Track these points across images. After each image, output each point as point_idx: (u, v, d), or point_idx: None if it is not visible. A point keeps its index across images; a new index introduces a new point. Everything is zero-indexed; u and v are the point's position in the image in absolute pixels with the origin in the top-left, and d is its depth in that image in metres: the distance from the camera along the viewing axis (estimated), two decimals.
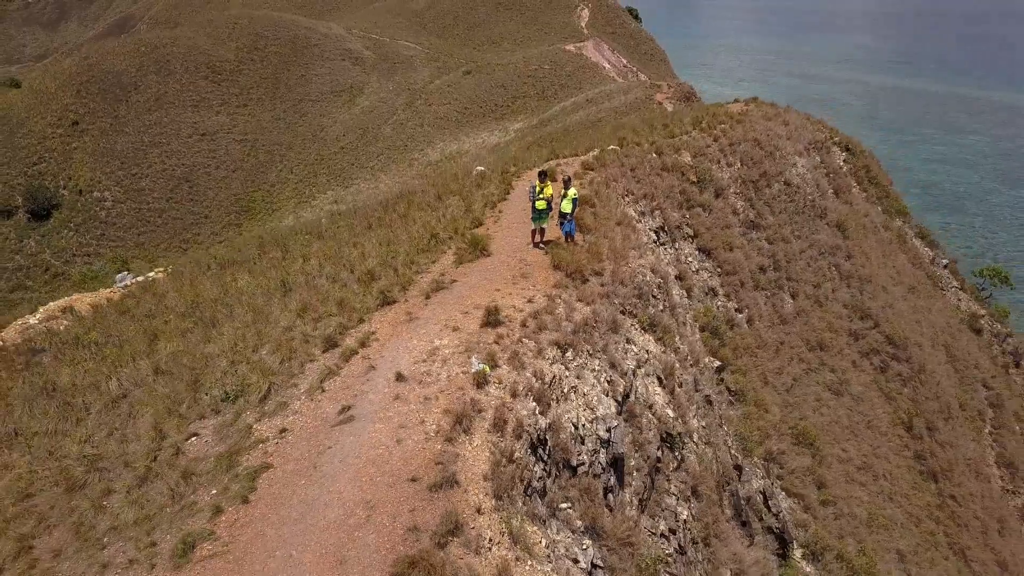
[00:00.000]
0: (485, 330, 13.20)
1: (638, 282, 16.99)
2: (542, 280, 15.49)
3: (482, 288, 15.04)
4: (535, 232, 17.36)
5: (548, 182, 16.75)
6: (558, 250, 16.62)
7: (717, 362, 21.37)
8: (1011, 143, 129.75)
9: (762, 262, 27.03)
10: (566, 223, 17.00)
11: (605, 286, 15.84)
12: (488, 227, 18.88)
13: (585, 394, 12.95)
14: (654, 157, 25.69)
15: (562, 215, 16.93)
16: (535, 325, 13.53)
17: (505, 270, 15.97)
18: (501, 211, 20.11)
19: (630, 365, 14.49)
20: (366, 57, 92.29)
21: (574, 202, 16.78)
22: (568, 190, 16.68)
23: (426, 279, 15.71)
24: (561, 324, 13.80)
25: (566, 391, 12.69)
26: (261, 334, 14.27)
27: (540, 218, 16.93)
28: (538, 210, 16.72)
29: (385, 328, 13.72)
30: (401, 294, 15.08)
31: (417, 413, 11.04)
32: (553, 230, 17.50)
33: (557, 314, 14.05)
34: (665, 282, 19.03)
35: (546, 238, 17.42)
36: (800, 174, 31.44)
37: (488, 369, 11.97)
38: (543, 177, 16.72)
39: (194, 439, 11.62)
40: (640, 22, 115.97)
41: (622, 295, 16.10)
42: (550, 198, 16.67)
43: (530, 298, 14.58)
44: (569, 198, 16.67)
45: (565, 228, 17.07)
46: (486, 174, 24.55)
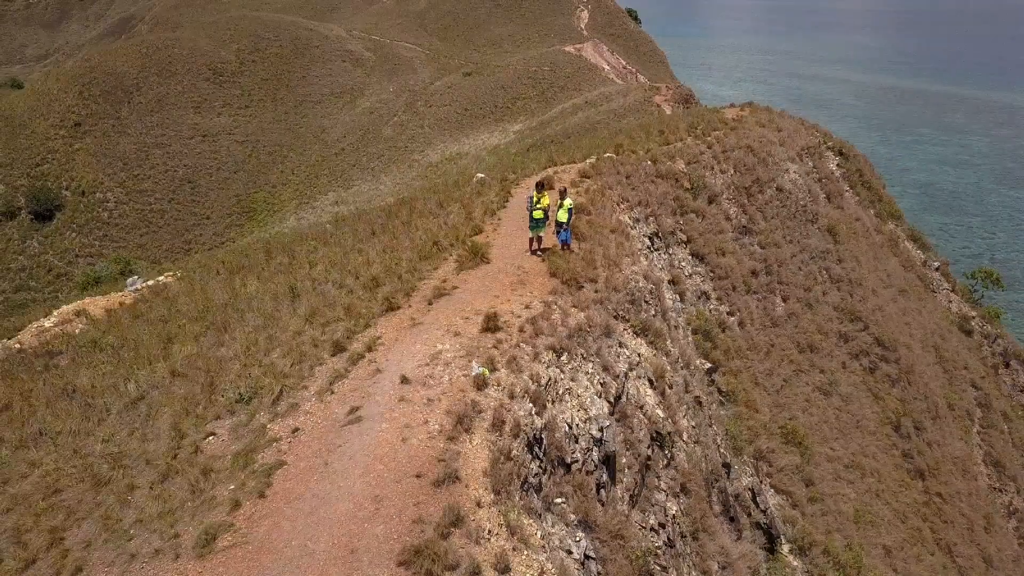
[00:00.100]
0: (485, 335, 13.94)
1: (631, 288, 17.73)
2: (539, 287, 16.24)
3: (482, 294, 15.78)
4: (532, 240, 18.14)
5: (545, 192, 17.54)
6: (554, 258, 17.41)
7: (708, 364, 22.13)
8: (1010, 143, 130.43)
9: (754, 266, 27.78)
10: (562, 232, 17.77)
11: (599, 292, 16.60)
12: (488, 234, 19.64)
13: (579, 395, 13.70)
14: (649, 165, 26.46)
15: (558, 224, 17.69)
16: (532, 330, 14.27)
17: (504, 277, 16.72)
18: (500, 219, 20.86)
19: (622, 368, 15.24)
20: (367, 58, 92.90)
21: (569, 212, 17.56)
22: (564, 200, 17.46)
23: (428, 285, 16.44)
24: (557, 329, 14.55)
25: (561, 393, 13.44)
26: (272, 338, 15.00)
27: (537, 227, 17.72)
28: (535, 219, 17.52)
29: (390, 333, 14.45)
30: (405, 300, 15.82)
31: (421, 414, 11.78)
32: (550, 238, 18.26)
33: (553, 320, 14.79)
34: (657, 288, 19.77)
35: (543, 246, 18.17)
36: (792, 180, 32.20)
37: (488, 372, 12.71)
38: (540, 188, 17.53)
39: (211, 438, 12.36)
40: (639, 23, 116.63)
41: (615, 301, 16.85)
42: (547, 208, 17.46)
43: (527, 304, 15.33)
44: (565, 208, 17.45)
45: (561, 236, 17.85)
46: (486, 181, 25.31)
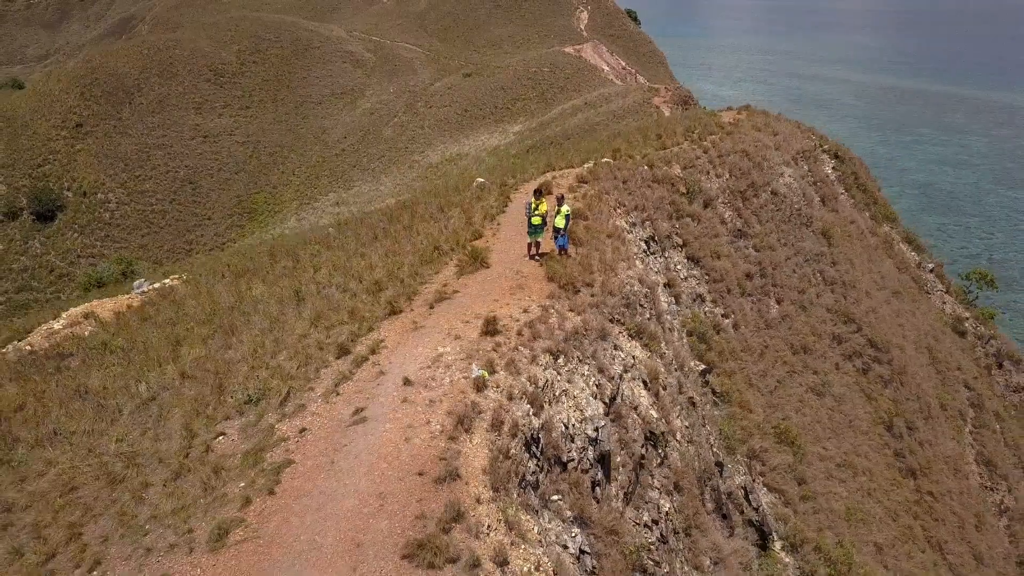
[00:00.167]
0: (484, 338, 14.44)
1: (626, 292, 18.23)
2: (537, 291, 16.74)
3: (482, 299, 16.29)
4: (531, 245, 18.65)
5: (543, 199, 18.07)
6: (552, 263, 17.91)
7: (703, 366, 22.64)
8: (1009, 143, 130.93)
9: (748, 269, 28.28)
10: (560, 237, 18.27)
11: (595, 297, 17.12)
12: (487, 239, 20.13)
13: (575, 397, 14.22)
14: (646, 169, 26.95)
15: (556, 230, 18.19)
16: (530, 334, 14.77)
17: (503, 281, 17.23)
18: (499, 224, 21.35)
19: (617, 370, 15.74)
20: (367, 59, 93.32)
21: (567, 218, 18.06)
22: (561, 207, 17.95)
23: (430, 289, 16.94)
24: (554, 333, 15.06)
25: (558, 394, 13.96)
26: (278, 341, 15.51)
27: (535, 232, 18.23)
28: (533, 225, 18.04)
29: (393, 336, 14.95)
30: (407, 304, 16.33)
31: (423, 414, 12.29)
32: (548, 243, 18.75)
33: (550, 323, 15.30)
34: (653, 291, 20.26)
35: (541, 251, 18.68)
36: (787, 184, 32.70)
37: (487, 374, 13.22)
38: (538, 195, 18.06)
39: (222, 438, 12.86)
40: (639, 24, 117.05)
41: (611, 305, 17.35)
42: (544, 214, 17.99)
43: (526, 308, 15.83)
44: (562, 214, 17.94)
45: (559, 242, 18.35)
46: (485, 186, 25.81)
